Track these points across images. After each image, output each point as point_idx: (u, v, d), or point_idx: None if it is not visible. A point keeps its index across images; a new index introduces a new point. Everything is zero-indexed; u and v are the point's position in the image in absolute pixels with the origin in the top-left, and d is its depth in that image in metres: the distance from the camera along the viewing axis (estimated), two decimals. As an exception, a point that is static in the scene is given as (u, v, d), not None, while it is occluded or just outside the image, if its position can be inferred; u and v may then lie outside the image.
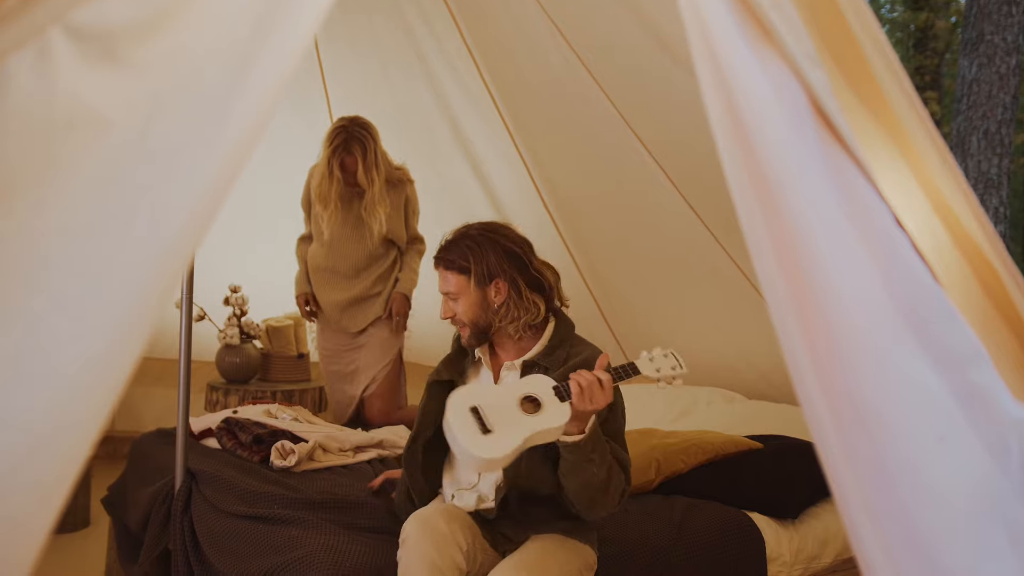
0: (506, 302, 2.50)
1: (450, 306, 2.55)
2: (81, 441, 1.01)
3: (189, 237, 1.01)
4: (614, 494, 2.35)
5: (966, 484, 1.17)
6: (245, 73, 1.02)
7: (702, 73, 1.11)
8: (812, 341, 1.15)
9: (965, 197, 1.18)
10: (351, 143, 4.12)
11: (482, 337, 2.56)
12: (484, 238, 2.53)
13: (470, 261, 2.49)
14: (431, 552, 2.27)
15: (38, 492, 1.01)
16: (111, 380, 1.00)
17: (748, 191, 1.12)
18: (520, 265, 2.52)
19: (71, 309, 0.95)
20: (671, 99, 3.68)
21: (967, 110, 6.36)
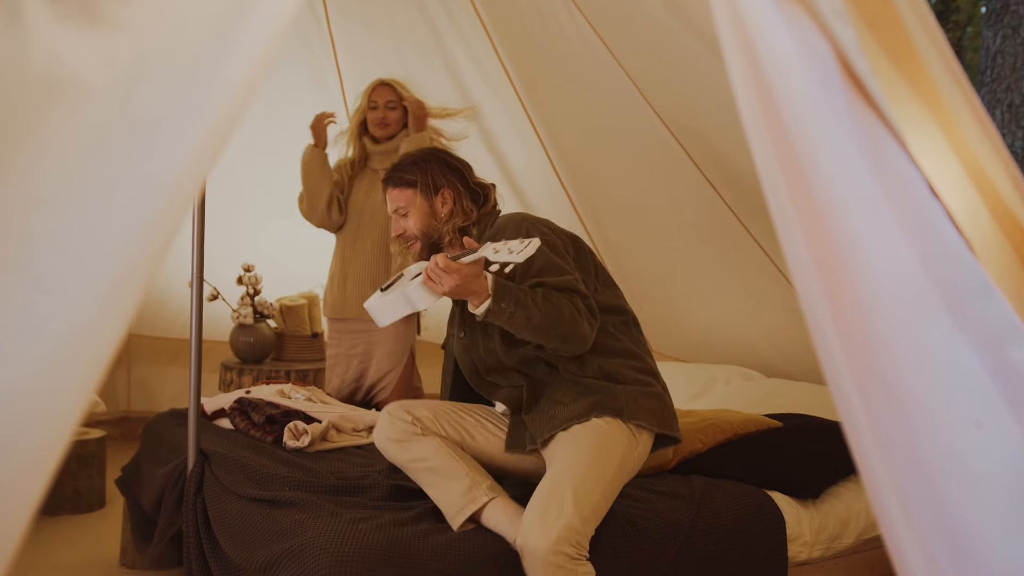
0: (453, 211, 2.67)
1: (400, 223, 2.71)
2: (64, 420, 0.96)
3: (174, 207, 0.96)
4: (569, 316, 2.39)
5: (1005, 472, 1.10)
6: (234, 32, 0.97)
7: (723, 32, 1.05)
8: (841, 319, 1.09)
9: (1004, 166, 1.11)
10: (386, 80, 4.09)
11: (434, 249, 2.68)
12: (427, 154, 2.76)
13: (416, 175, 2.67)
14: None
15: (19, 475, 0.96)
16: (93, 358, 0.95)
17: (772, 158, 1.05)
18: (461, 177, 2.71)
19: (50, 285, 0.90)
20: (691, 74, 3.61)
21: (991, 82, 6.23)
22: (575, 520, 2.26)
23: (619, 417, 2.48)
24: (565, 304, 2.39)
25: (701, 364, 4.79)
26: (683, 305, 5.00)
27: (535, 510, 2.31)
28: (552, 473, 2.43)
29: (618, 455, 2.45)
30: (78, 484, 4.16)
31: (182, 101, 0.95)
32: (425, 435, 2.58)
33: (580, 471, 2.39)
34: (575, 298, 2.42)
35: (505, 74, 4.74)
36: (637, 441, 2.51)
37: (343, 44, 5.00)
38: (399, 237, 2.72)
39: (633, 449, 2.50)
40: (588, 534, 2.31)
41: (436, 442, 2.58)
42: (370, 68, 4.81)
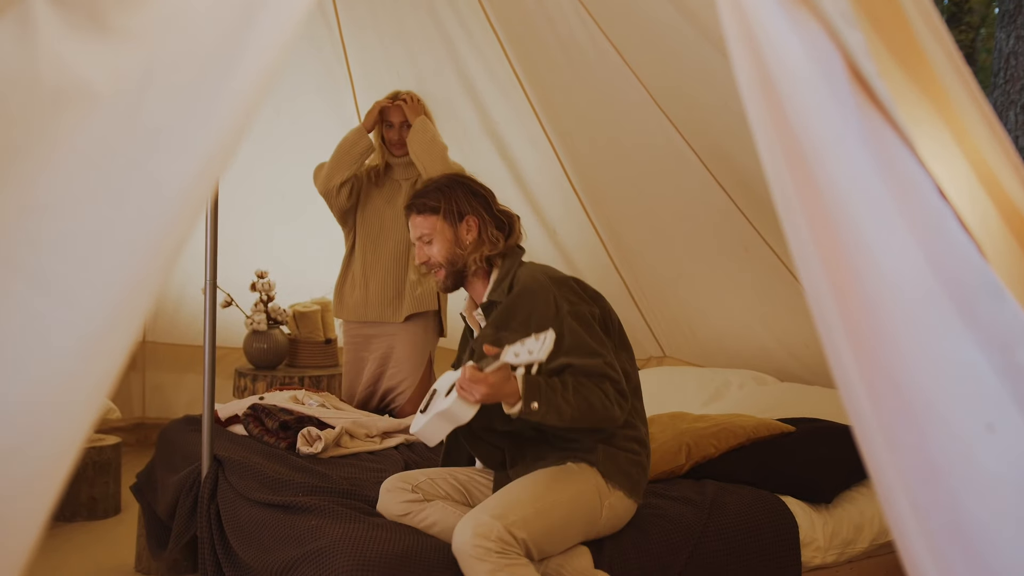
0: (478, 239, 2.62)
1: (424, 250, 2.66)
2: (75, 427, 0.97)
3: (183, 215, 0.97)
4: (600, 406, 2.39)
5: (1016, 473, 1.10)
6: (242, 41, 0.97)
7: (731, 36, 1.05)
8: (851, 322, 1.09)
9: (1014, 168, 1.10)
10: (397, 96, 4.07)
11: (458, 278, 2.68)
12: (451, 181, 2.70)
13: (440, 201, 2.62)
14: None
15: (35, 478, 0.97)
16: (105, 364, 0.96)
17: (780, 162, 1.05)
18: (485, 204, 2.66)
19: (59, 293, 0.91)
20: (702, 78, 3.61)
21: (1004, 84, 6.21)
22: (495, 520, 2.25)
23: (595, 469, 2.48)
24: (595, 393, 2.38)
25: (715, 368, 4.78)
26: (696, 309, 4.99)
27: (471, 511, 2.35)
28: (505, 488, 2.47)
29: (573, 490, 2.43)
30: (93, 490, 4.18)
31: (190, 110, 0.96)
32: (428, 500, 2.61)
33: (524, 486, 2.42)
34: (605, 384, 2.40)
35: (516, 79, 4.75)
36: (607, 493, 2.48)
37: (355, 49, 5.01)
38: (423, 265, 2.68)
39: (596, 497, 2.46)
40: (515, 535, 2.26)
41: (440, 504, 2.61)
42: (382, 74, 4.83)
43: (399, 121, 4.04)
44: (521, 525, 2.28)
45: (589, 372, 2.40)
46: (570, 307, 2.46)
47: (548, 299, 2.46)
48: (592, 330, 2.47)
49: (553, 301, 2.46)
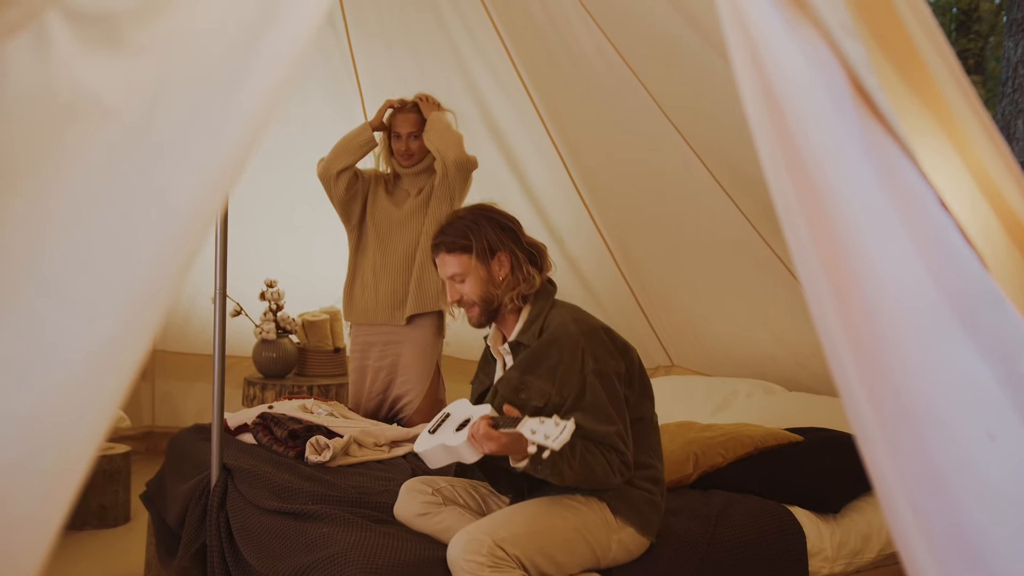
0: (509, 274, 2.56)
1: (456, 288, 2.60)
2: (89, 437, 0.98)
3: (196, 227, 0.98)
4: (602, 473, 2.38)
5: (1017, 481, 1.11)
6: (253, 54, 0.99)
7: (733, 48, 1.07)
8: (853, 332, 1.10)
9: (1015, 179, 1.11)
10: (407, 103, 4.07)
11: (492, 315, 2.62)
12: (478, 215, 2.61)
13: (470, 239, 2.55)
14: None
15: (46, 490, 0.98)
16: (118, 374, 0.98)
17: (783, 173, 1.07)
18: (515, 238, 2.60)
19: (74, 302, 0.93)
20: (708, 87, 3.62)
21: (1012, 93, 6.19)
22: (485, 535, 2.27)
23: (604, 503, 2.47)
24: (599, 461, 2.37)
25: (723, 377, 4.78)
26: (704, 318, 5.00)
27: (466, 528, 2.36)
28: (506, 508, 2.48)
29: (574, 519, 2.42)
30: (103, 499, 4.20)
31: (201, 124, 0.97)
32: (446, 505, 2.62)
33: (522, 508, 2.43)
34: (611, 454, 2.39)
35: (524, 89, 4.77)
36: (617, 528, 2.48)
37: (363, 58, 5.04)
38: (456, 303, 2.62)
39: (604, 530, 2.46)
40: (506, 550, 2.27)
41: (458, 511, 2.62)
42: (389, 83, 4.85)
43: (407, 132, 4.04)
44: (512, 542, 2.29)
45: (600, 439, 2.39)
46: (595, 364, 2.43)
47: (576, 353, 2.44)
48: (613, 392, 2.45)
49: (580, 356, 2.44)
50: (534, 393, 2.48)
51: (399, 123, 4.05)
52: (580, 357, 2.44)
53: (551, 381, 2.45)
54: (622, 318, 4.99)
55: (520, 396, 2.49)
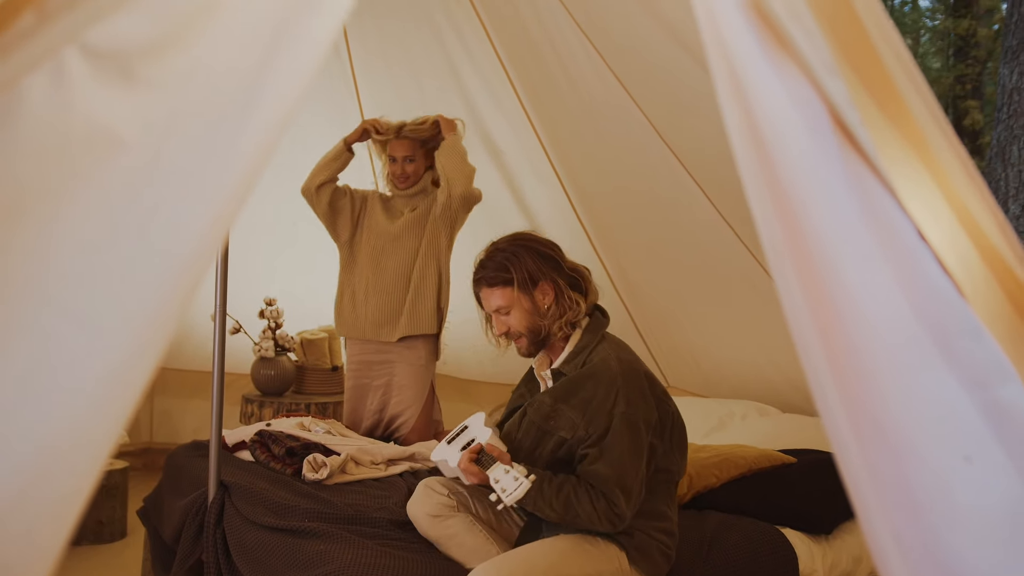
0: (554, 303, 2.55)
1: (503, 321, 2.60)
2: (96, 456, 1.02)
3: (203, 253, 1.02)
4: (586, 518, 2.39)
5: (995, 506, 1.14)
6: (260, 89, 1.03)
7: (720, 84, 1.11)
8: (834, 360, 1.14)
9: (990, 210, 1.15)
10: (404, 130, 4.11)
11: (540, 344, 2.62)
12: (516, 246, 2.59)
13: (511, 271, 2.54)
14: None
15: (53, 507, 1.02)
16: (126, 394, 1.01)
17: (768, 206, 1.10)
18: (555, 265, 2.59)
19: (86, 323, 0.97)
20: (704, 110, 3.66)
21: (1007, 119, 6.25)
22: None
23: (624, 552, 2.47)
24: (585, 507, 2.38)
25: (719, 399, 4.82)
26: (699, 340, 5.03)
27: (485, 565, 2.36)
28: (525, 546, 2.47)
29: (591, 568, 2.42)
30: (100, 514, 4.22)
31: (210, 154, 1.02)
32: (459, 511, 2.63)
33: (544, 552, 2.42)
34: (600, 502, 2.38)
35: (523, 111, 4.82)
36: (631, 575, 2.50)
37: (363, 77, 5.09)
38: (503, 336, 2.63)
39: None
40: None
41: (469, 520, 2.63)
42: (390, 101, 4.90)
43: (402, 156, 4.10)
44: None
45: (598, 483, 2.39)
46: (626, 407, 2.42)
47: (611, 392, 2.44)
48: (636, 439, 2.43)
49: (614, 396, 2.43)
50: (563, 423, 2.49)
51: (394, 148, 4.11)
52: (613, 397, 2.43)
53: (582, 414, 2.45)
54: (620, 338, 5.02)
55: (549, 423, 2.51)
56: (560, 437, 2.49)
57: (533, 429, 2.54)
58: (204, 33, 1.01)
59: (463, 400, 5.59)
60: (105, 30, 0.97)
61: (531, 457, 2.55)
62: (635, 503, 2.43)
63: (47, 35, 0.92)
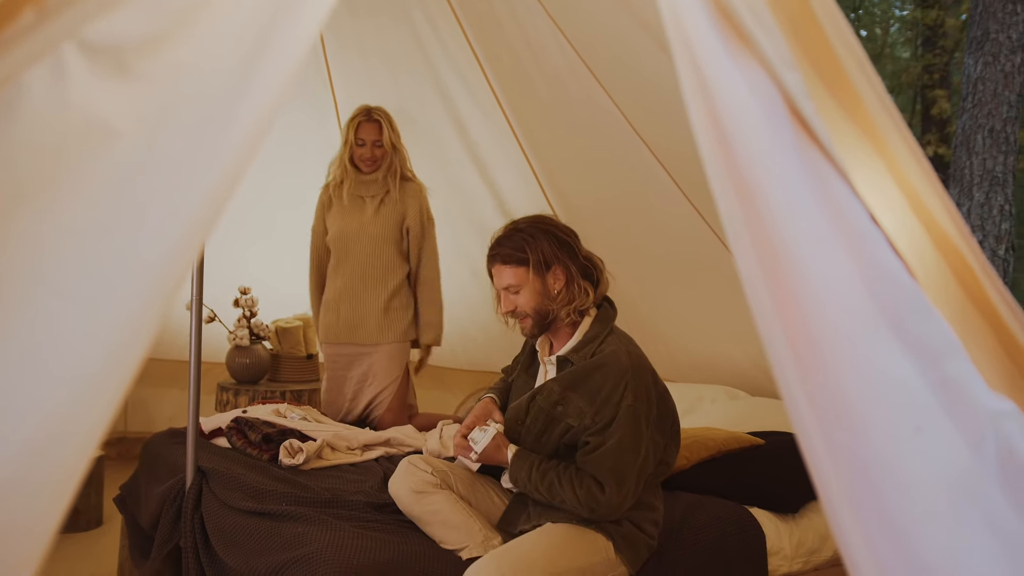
0: (564, 288, 2.60)
1: (511, 299, 2.64)
2: (91, 437, 1.06)
3: (194, 239, 1.07)
4: (572, 503, 2.49)
5: (944, 474, 1.21)
6: (247, 83, 1.08)
7: (684, 77, 1.16)
8: (792, 338, 1.20)
9: (939, 195, 1.22)
10: (372, 113, 4.19)
11: (545, 327, 2.68)
12: (536, 228, 2.64)
13: (527, 252, 2.58)
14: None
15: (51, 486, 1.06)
16: (121, 376, 1.06)
17: (730, 194, 1.16)
18: (571, 252, 2.63)
19: (84, 307, 1.01)
20: (673, 100, 3.70)
21: (972, 108, 6.37)
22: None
23: (611, 542, 2.54)
24: (567, 492, 2.48)
25: (689, 384, 4.88)
26: (669, 327, 5.09)
27: (484, 561, 2.40)
28: (518, 539, 2.52)
29: (584, 561, 2.48)
30: (76, 503, 4.20)
31: (202, 144, 1.06)
32: (442, 488, 2.69)
33: (537, 546, 2.46)
34: (581, 489, 2.46)
35: (497, 103, 4.85)
36: (615, 565, 2.55)
37: (338, 70, 5.11)
38: (509, 314, 2.67)
39: (605, 569, 2.53)
40: None
41: (452, 497, 2.68)
42: (364, 93, 4.92)
43: (372, 140, 4.17)
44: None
45: (595, 468, 2.47)
46: (633, 401, 2.48)
47: (619, 386, 2.49)
48: (637, 432, 2.49)
49: (622, 390, 2.49)
50: (571, 410, 2.54)
51: (364, 131, 4.17)
52: (622, 390, 2.49)
53: (591, 403, 2.51)
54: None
55: (557, 409, 2.57)
56: (567, 424, 2.55)
57: (542, 415, 2.59)
58: (196, 29, 1.06)
59: (437, 388, 5.64)
60: (102, 26, 1.01)
61: (539, 442, 2.62)
62: (629, 493, 2.49)
63: (46, 31, 0.97)
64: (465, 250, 5.11)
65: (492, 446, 2.59)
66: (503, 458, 2.60)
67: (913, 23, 14.11)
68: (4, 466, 1.01)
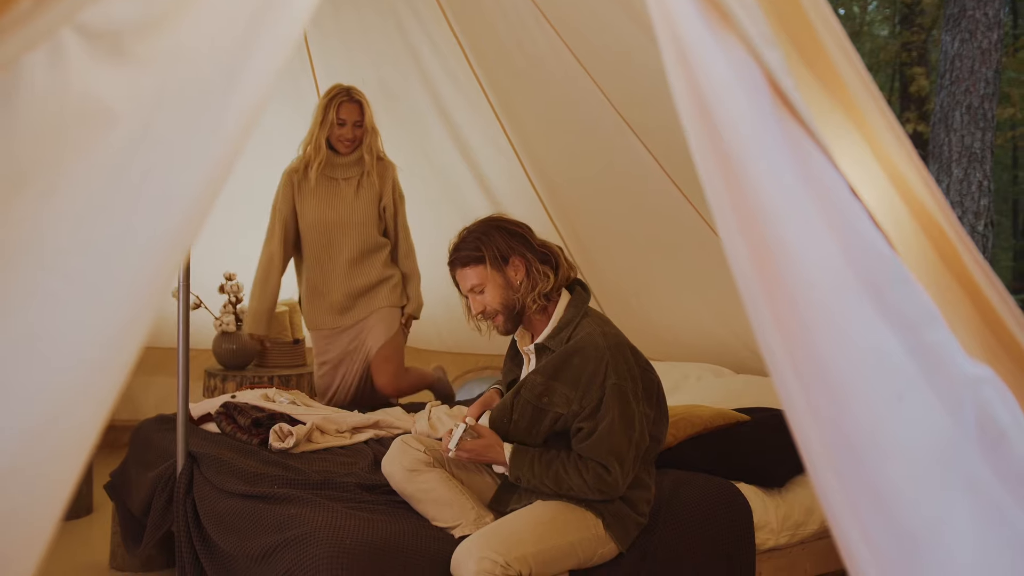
0: (526, 277, 2.64)
1: (479, 300, 2.68)
2: (94, 422, 1.08)
3: (191, 221, 1.09)
4: (578, 489, 2.53)
5: (924, 440, 1.24)
6: (241, 67, 1.10)
7: (667, 56, 1.18)
8: (777, 311, 1.23)
9: (917, 169, 1.25)
10: (352, 92, 4.15)
11: (516, 320, 2.71)
12: (487, 226, 2.69)
13: (482, 249, 2.63)
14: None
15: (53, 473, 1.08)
16: (122, 360, 1.08)
17: (713, 169, 1.19)
18: (525, 242, 2.68)
19: (84, 290, 1.03)
20: (654, 80, 3.73)
21: (950, 85, 6.42)
22: (500, 556, 2.36)
23: (600, 519, 2.58)
24: (575, 479, 2.51)
25: (674, 362, 4.91)
26: (655, 307, 5.12)
27: (474, 538, 2.44)
28: (507, 517, 2.57)
29: (574, 536, 2.53)
30: (67, 491, 4.22)
31: (197, 126, 1.08)
32: (435, 467, 2.72)
33: (527, 524, 2.51)
34: (588, 474, 2.51)
35: (479, 86, 4.86)
36: (605, 542, 2.59)
37: (319, 54, 5.10)
38: (480, 315, 2.70)
39: (594, 545, 2.57)
40: (517, 568, 2.38)
41: (445, 475, 2.71)
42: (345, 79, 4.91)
43: (352, 120, 4.15)
44: (521, 561, 2.39)
45: (594, 452, 2.51)
46: (616, 379, 2.52)
47: (600, 365, 2.53)
48: (626, 409, 2.53)
49: (604, 368, 2.53)
50: (557, 399, 2.58)
51: (345, 111, 4.14)
52: (603, 370, 2.52)
53: (575, 388, 2.55)
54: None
55: (543, 400, 2.60)
56: (556, 412, 2.59)
57: (529, 408, 2.62)
58: (191, 13, 1.08)
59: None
60: (99, 11, 1.02)
61: (529, 434, 2.65)
62: (629, 472, 2.54)
63: (45, 17, 0.98)
64: (449, 234, 5.11)
65: (481, 445, 2.61)
66: (496, 457, 2.63)
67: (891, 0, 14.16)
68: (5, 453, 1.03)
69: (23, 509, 1.10)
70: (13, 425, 1.03)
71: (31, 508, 1.10)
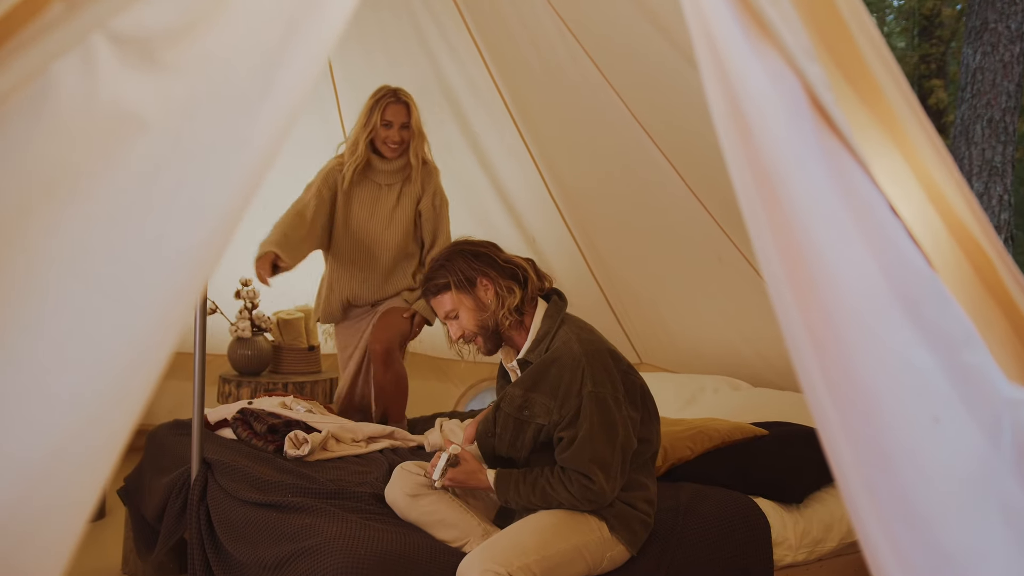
0: (495, 296, 2.67)
1: (455, 325, 2.73)
2: (122, 428, 1.07)
3: (224, 229, 1.08)
4: (568, 503, 2.53)
5: (961, 463, 1.21)
6: (274, 75, 1.08)
7: (704, 68, 1.16)
8: (812, 327, 1.20)
9: (957, 185, 1.22)
10: (399, 93, 4.01)
11: (496, 340, 2.74)
12: (450, 253, 2.74)
13: (447, 276, 2.67)
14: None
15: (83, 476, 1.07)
16: (151, 367, 1.06)
17: (749, 183, 1.17)
18: (490, 261, 2.70)
19: (114, 298, 1.02)
20: (675, 88, 3.72)
21: (971, 98, 6.38)
22: (503, 568, 2.35)
23: (604, 522, 2.57)
24: (562, 494, 2.51)
25: (691, 374, 4.89)
26: (672, 317, 5.10)
27: (477, 551, 2.44)
28: (509, 527, 2.56)
29: (578, 540, 2.51)
30: (80, 495, 4.21)
31: (229, 134, 1.06)
32: (435, 489, 2.71)
33: (531, 531, 2.50)
34: (573, 486, 2.50)
35: (498, 93, 4.85)
36: (612, 545, 2.58)
37: (338, 60, 5.09)
38: (460, 339, 2.74)
39: (600, 549, 2.56)
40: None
41: (446, 496, 2.72)
42: (365, 84, 4.90)
43: (400, 122, 3.99)
44: (525, 570, 2.38)
45: (575, 462, 2.50)
46: (594, 387, 2.52)
47: (576, 373, 2.53)
48: (607, 416, 2.52)
49: (580, 376, 2.53)
50: (538, 410, 2.58)
51: (391, 113, 3.98)
52: (580, 378, 2.52)
53: (553, 398, 2.55)
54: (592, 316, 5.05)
55: (524, 413, 2.61)
56: (537, 424, 2.59)
57: (510, 421, 2.63)
58: (223, 20, 1.06)
59: (438, 379, 5.64)
60: (129, 18, 1.01)
61: (513, 447, 2.65)
62: (616, 477, 2.53)
63: (75, 23, 0.97)
64: (467, 242, 5.11)
65: (463, 473, 2.62)
66: (480, 484, 2.64)
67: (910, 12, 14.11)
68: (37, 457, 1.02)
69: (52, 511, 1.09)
70: (43, 431, 1.02)
71: (60, 510, 1.09)
